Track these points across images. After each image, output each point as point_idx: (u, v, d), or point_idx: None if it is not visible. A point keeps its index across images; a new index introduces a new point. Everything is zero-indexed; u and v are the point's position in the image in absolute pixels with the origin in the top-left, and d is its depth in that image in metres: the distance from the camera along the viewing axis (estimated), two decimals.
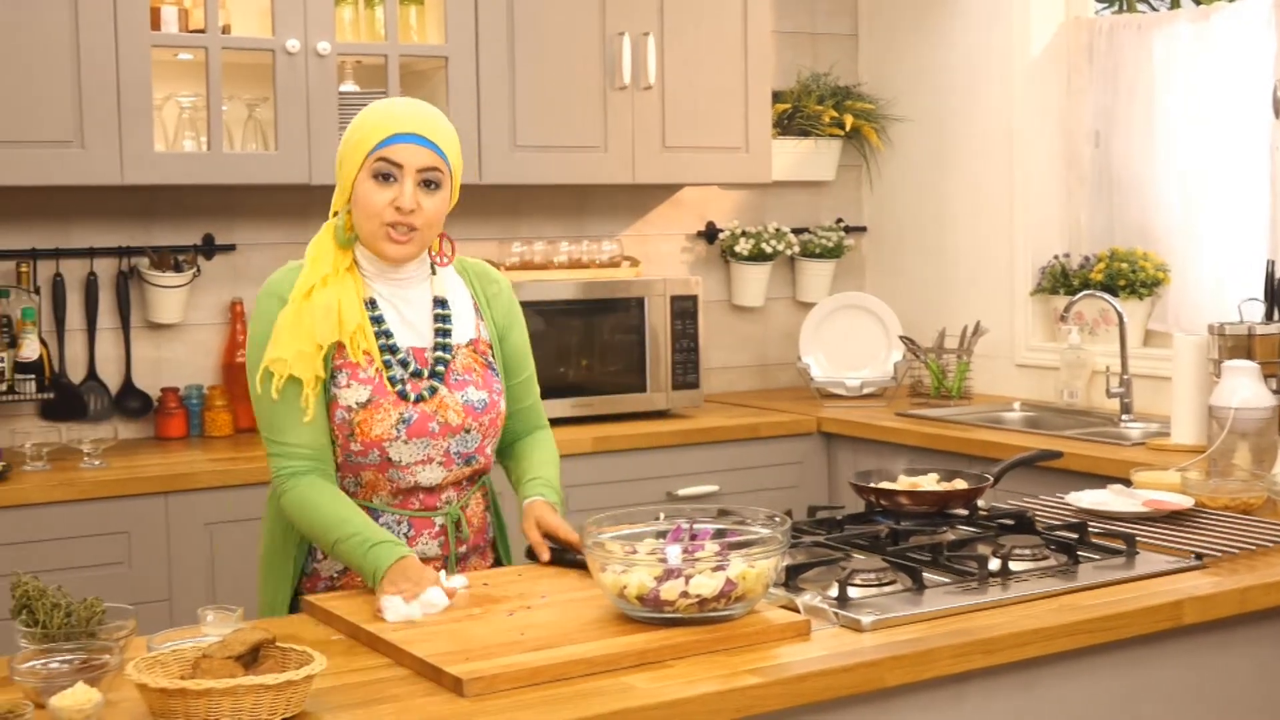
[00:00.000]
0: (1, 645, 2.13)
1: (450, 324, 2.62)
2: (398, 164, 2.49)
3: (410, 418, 2.54)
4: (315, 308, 2.49)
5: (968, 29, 5.02)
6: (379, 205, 2.49)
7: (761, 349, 5.32)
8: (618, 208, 5.00)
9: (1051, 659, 2.27)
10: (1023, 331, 4.88)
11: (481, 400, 2.61)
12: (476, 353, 2.65)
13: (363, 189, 2.50)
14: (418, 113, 2.54)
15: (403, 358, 2.56)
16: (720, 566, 2.14)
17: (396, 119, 2.51)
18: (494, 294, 2.73)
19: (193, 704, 1.78)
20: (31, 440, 3.79)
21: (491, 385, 2.64)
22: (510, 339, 2.74)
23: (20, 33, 3.74)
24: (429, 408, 2.55)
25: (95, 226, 4.23)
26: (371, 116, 2.53)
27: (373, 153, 2.49)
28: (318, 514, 2.48)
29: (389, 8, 4.18)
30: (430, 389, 2.56)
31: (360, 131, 2.52)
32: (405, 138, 2.49)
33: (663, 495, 4.33)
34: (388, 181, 2.49)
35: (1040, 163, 4.85)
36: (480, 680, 1.95)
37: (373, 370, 2.53)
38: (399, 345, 2.57)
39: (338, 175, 2.57)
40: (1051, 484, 3.60)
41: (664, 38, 4.58)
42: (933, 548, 2.56)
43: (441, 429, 2.57)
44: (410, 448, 2.55)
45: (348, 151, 2.54)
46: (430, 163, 2.51)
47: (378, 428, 2.52)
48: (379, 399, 2.52)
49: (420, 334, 2.60)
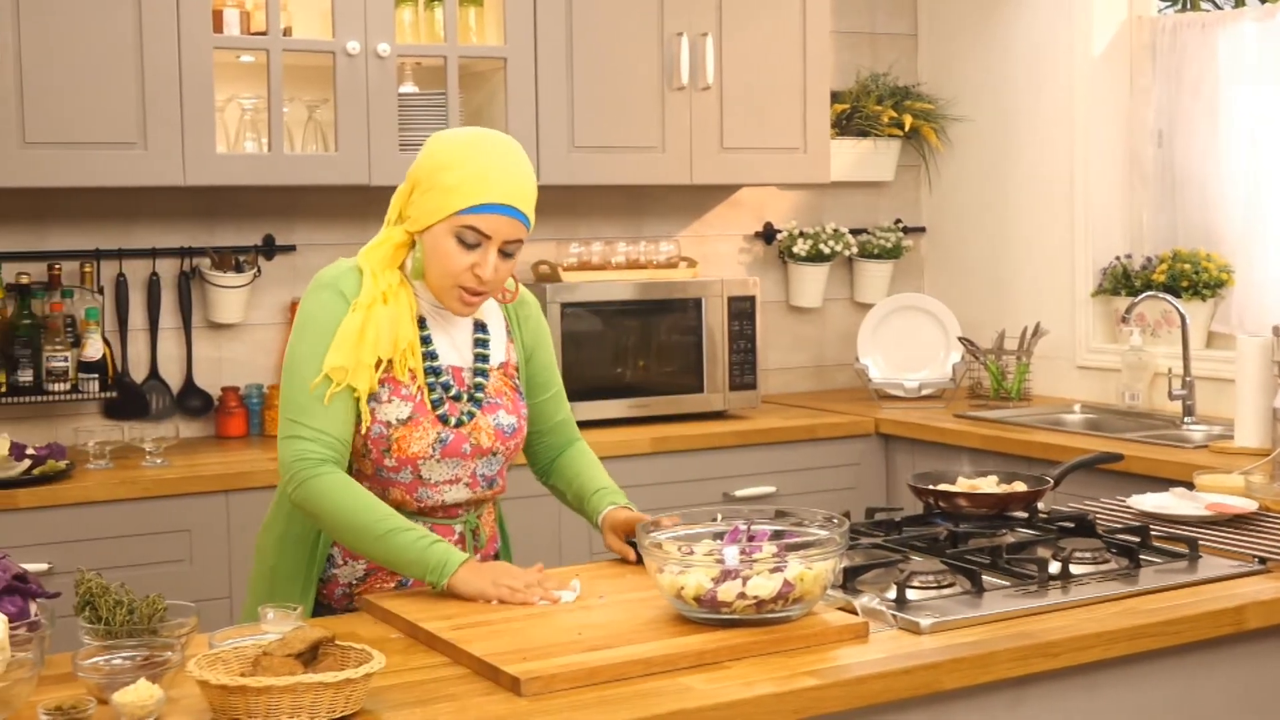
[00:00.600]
0: (66, 641, 2.15)
1: (488, 348, 2.62)
2: (486, 235, 2.44)
3: (446, 438, 2.53)
4: (379, 320, 2.47)
5: (1029, 28, 4.99)
6: (458, 268, 2.45)
7: (819, 350, 5.30)
8: (675, 208, 5.00)
9: (1112, 663, 2.25)
10: (1084, 333, 4.84)
11: (511, 425, 2.61)
12: (506, 375, 2.64)
13: (443, 244, 2.45)
14: (514, 181, 2.46)
15: (445, 380, 2.55)
16: (778, 568, 2.14)
17: (494, 186, 2.43)
18: (525, 315, 2.71)
19: (253, 701, 1.80)
20: (95, 439, 3.83)
21: (519, 410, 2.64)
22: (538, 356, 2.73)
23: (85, 36, 3.78)
24: (464, 429, 2.55)
25: (158, 227, 4.27)
26: (466, 170, 2.44)
27: (462, 213, 2.43)
28: (360, 503, 2.42)
29: (448, 9, 4.20)
30: (469, 413, 2.56)
31: (454, 176, 2.44)
32: (499, 209, 2.44)
33: (719, 496, 4.32)
34: (470, 248, 2.45)
35: (1102, 162, 4.81)
36: (538, 680, 1.95)
37: (415, 388, 2.51)
38: (442, 366, 2.56)
39: (415, 195, 2.49)
40: (1112, 487, 3.57)
41: (722, 38, 4.57)
42: (992, 550, 2.54)
43: (473, 450, 2.56)
44: (442, 467, 2.55)
45: (429, 190, 2.46)
46: (517, 235, 2.47)
47: (415, 445, 2.51)
48: (419, 417, 2.51)
49: (462, 355, 2.59)
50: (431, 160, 2.48)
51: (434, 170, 2.46)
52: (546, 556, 3.81)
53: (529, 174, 2.51)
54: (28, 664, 1.91)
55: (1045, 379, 4.93)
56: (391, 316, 2.48)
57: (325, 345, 2.47)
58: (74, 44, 3.78)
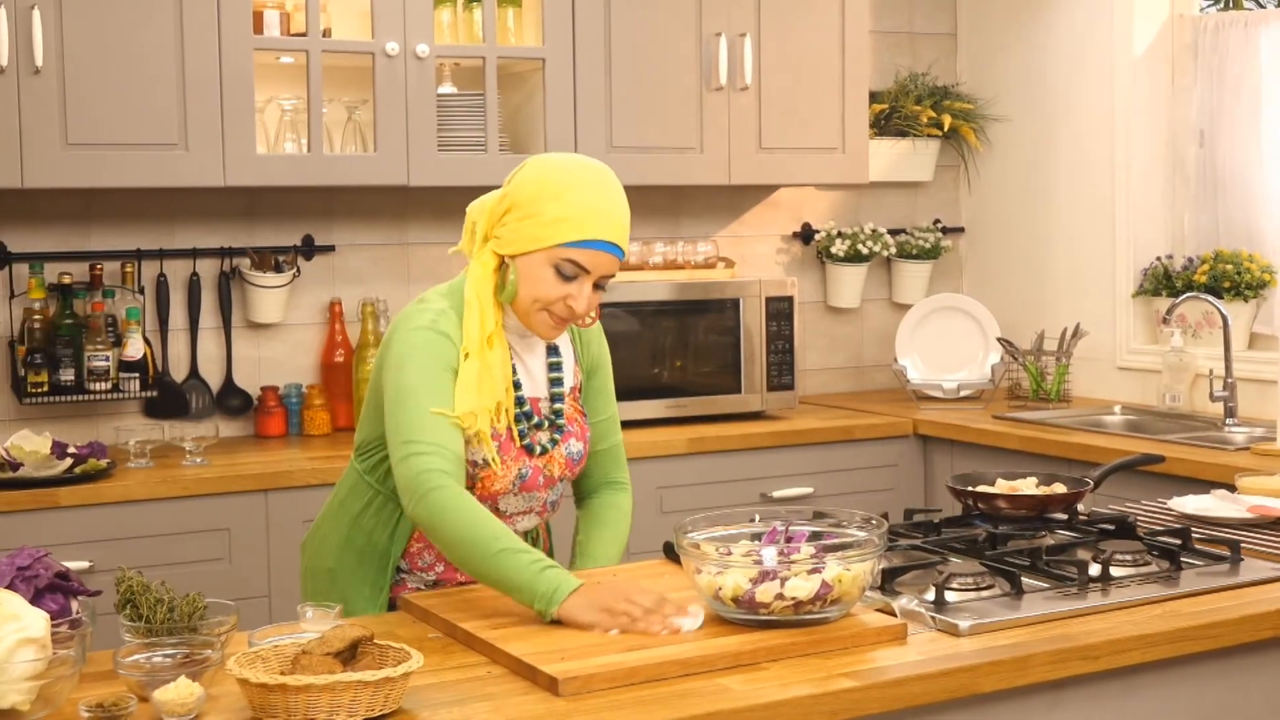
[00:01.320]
0: (107, 639, 2.16)
1: (561, 372, 2.62)
2: (586, 269, 2.44)
3: (526, 474, 2.54)
4: (494, 365, 2.46)
5: (1069, 27, 4.96)
6: (552, 297, 2.45)
7: (857, 351, 5.29)
8: (713, 209, 5.00)
9: (1152, 666, 2.23)
10: (1124, 334, 4.81)
11: (579, 452, 2.62)
12: (575, 400, 2.65)
13: (540, 272, 2.44)
14: (617, 218, 2.45)
15: (527, 410, 2.55)
16: (816, 569, 2.13)
17: (600, 223, 2.42)
18: (589, 338, 2.70)
19: (292, 699, 1.80)
20: (135, 438, 3.85)
21: (585, 435, 2.65)
22: (595, 378, 2.71)
23: (126, 39, 3.81)
24: (541, 462, 2.56)
25: (198, 227, 4.30)
26: (573, 203, 2.42)
27: (566, 246, 2.42)
28: (478, 517, 2.33)
29: (487, 10, 4.21)
30: (552, 441, 2.57)
31: (559, 208, 2.42)
32: (601, 245, 2.43)
33: (756, 497, 4.32)
34: (568, 279, 2.44)
35: (1143, 163, 4.78)
36: (576, 680, 1.95)
37: (501, 426, 2.50)
38: (525, 398, 2.56)
39: (510, 218, 2.46)
40: (1153, 489, 3.55)
41: (761, 38, 4.57)
42: (1031, 552, 2.53)
43: (545, 481, 2.58)
44: (518, 500, 2.58)
45: (536, 219, 2.43)
46: (612, 270, 2.48)
47: (498, 484, 2.51)
48: (503, 456, 2.50)
49: (538, 384, 2.60)
50: (535, 187, 2.44)
51: (537, 198, 2.43)
52: None
53: (627, 208, 2.50)
54: (69, 661, 1.92)
55: (1085, 380, 4.90)
56: (502, 360, 2.48)
57: (435, 376, 2.43)
58: (116, 46, 3.80)
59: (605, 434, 2.73)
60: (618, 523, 2.73)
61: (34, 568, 2.16)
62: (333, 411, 4.35)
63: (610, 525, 2.72)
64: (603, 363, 2.72)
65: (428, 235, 4.56)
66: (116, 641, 2.11)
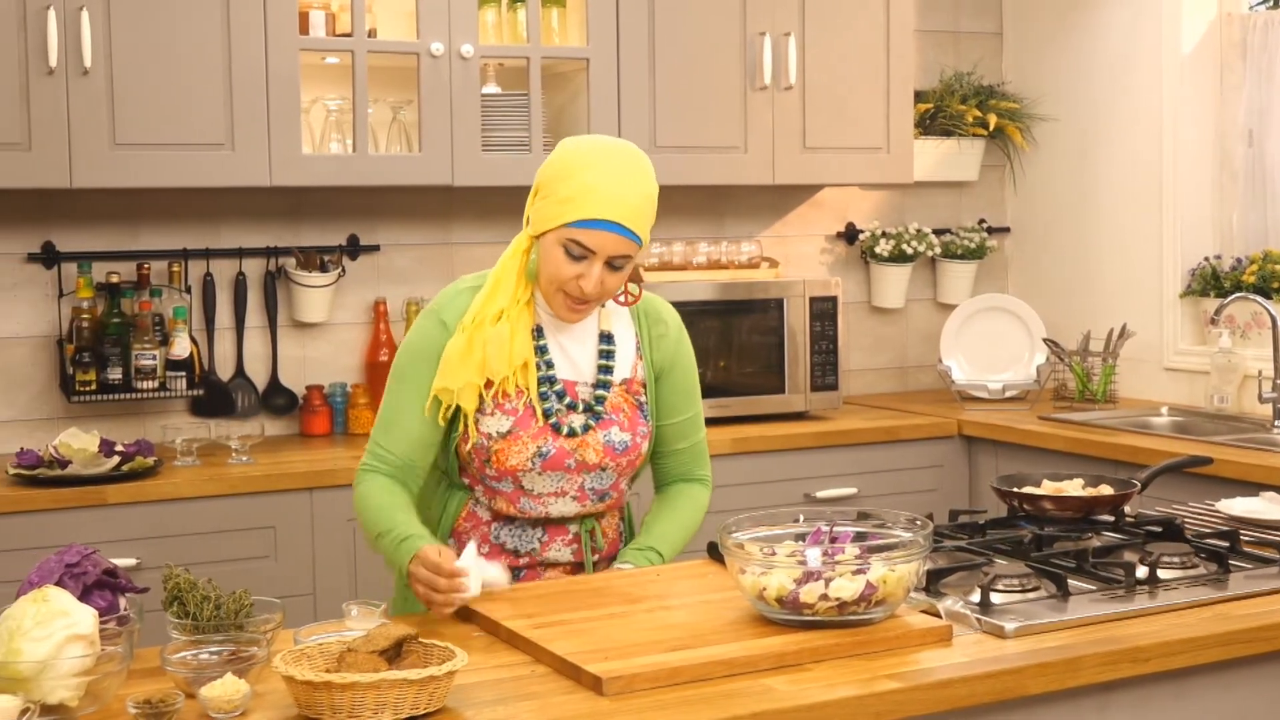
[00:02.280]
0: (154, 636, 2.18)
1: (613, 360, 2.62)
2: (591, 250, 2.46)
3: (547, 452, 2.54)
4: (489, 341, 2.50)
5: (1116, 26, 4.93)
6: (563, 277, 2.48)
7: (901, 351, 5.27)
8: (757, 208, 4.99)
9: (1201, 669, 2.21)
10: (1171, 334, 4.78)
11: (624, 442, 2.60)
12: (629, 392, 2.63)
13: (552, 252, 2.48)
14: (625, 198, 2.46)
15: (560, 389, 2.57)
16: (861, 570, 2.12)
17: (603, 202, 2.44)
18: (659, 334, 2.68)
19: (338, 697, 1.81)
20: (182, 436, 3.88)
21: (637, 427, 2.62)
22: (671, 378, 2.70)
23: (174, 39, 3.83)
24: (569, 444, 2.55)
25: (244, 227, 4.32)
26: (578, 181, 2.45)
27: (570, 226, 2.45)
28: (372, 504, 2.54)
29: (531, 10, 4.21)
30: (585, 425, 2.57)
31: (568, 188, 2.45)
32: (605, 225, 2.45)
33: (800, 497, 4.31)
34: (576, 260, 2.47)
35: (1191, 162, 4.75)
36: (619, 679, 1.95)
37: (520, 402, 2.54)
38: (556, 377, 2.57)
39: (537, 199, 2.51)
40: (1201, 491, 3.52)
41: (805, 37, 4.55)
42: (1078, 554, 2.51)
43: (578, 466, 2.57)
44: (545, 479, 2.57)
45: (551, 199, 2.47)
46: (623, 250, 2.47)
47: (514, 459, 2.54)
48: (519, 431, 2.53)
49: (579, 369, 2.60)
50: (553, 167, 2.50)
51: (553, 178, 2.49)
52: None
53: (644, 190, 2.50)
54: (117, 658, 1.94)
55: (1132, 381, 4.87)
56: (501, 337, 2.50)
57: (417, 370, 2.56)
58: (163, 47, 3.83)
59: (686, 433, 2.74)
60: (686, 509, 2.74)
61: (82, 565, 2.18)
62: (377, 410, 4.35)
63: (678, 509, 2.73)
64: (679, 363, 2.70)
65: (472, 235, 4.57)
66: (163, 638, 2.12)
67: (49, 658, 1.87)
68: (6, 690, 1.85)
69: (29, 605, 1.93)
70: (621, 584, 2.47)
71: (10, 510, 3.52)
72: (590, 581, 2.52)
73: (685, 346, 2.73)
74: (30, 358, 4.10)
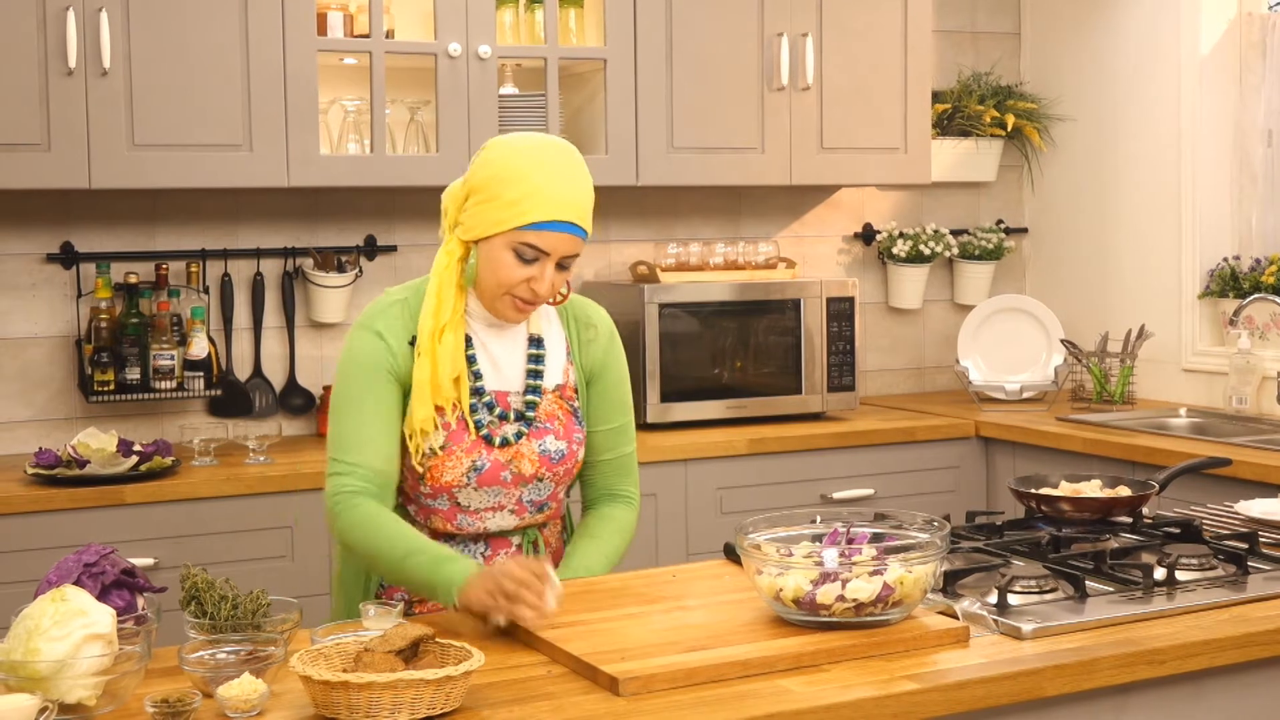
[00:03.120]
0: (171, 635, 2.18)
1: (543, 364, 2.55)
2: (545, 252, 2.42)
3: (482, 466, 2.49)
4: (440, 361, 2.44)
5: (1134, 26, 4.92)
6: (514, 280, 2.43)
7: (918, 352, 5.26)
8: (774, 209, 4.99)
9: (1219, 671, 2.21)
10: (1190, 335, 4.76)
11: (559, 451, 2.54)
12: (562, 398, 2.57)
13: (500, 256, 2.42)
14: (575, 198, 2.43)
15: (488, 400, 2.51)
16: (878, 571, 2.12)
17: (553, 202, 2.40)
18: (589, 339, 2.62)
19: (355, 697, 1.81)
20: (199, 436, 3.89)
21: (572, 435, 2.56)
22: (603, 383, 2.64)
23: (192, 41, 3.84)
24: (504, 456, 2.50)
25: (262, 227, 4.33)
26: (526, 183, 2.40)
27: (523, 229, 2.40)
28: (382, 531, 2.40)
29: (549, 11, 4.22)
30: (517, 433, 2.51)
31: (515, 191, 2.40)
32: (558, 226, 2.41)
33: (817, 498, 4.30)
34: (528, 262, 2.42)
35: (1210, 163, 4.73)
36: (636, 680, 1.95)
37: (452, 416, 2.47)
38: (486, 388, 2.51)
39: (471, 203, 2.45)
40: (1219, 492, 3.51)
41: (822, 38, 4.55)
42: (1095, 555, 2.51)
43: (514, 479, 2.52)
44: (480, 495, 2.52)
45: (487, 201, 2.42)
46: (574, 250, 2.45)
47: (448, 474, 2.48)
48: (452, 445, 2.47)
49: (507, 378, 2.54)
50: (490, 170, 2.44)
51: (492, 180, 2.43)
52: (643, 557, 3.82)
53: (588, 187, 2.47)
54: (134, 657, 1.94)
55: (1150, 382, 4.85)
56: (448, 354, 2.45)
57: (365, 384, 2.47)
58: (181, 48, 3.84)
59: (613, 444, 2.66)
60: (609, 536, 2.64)
61: (100, 564, 2.18)
62: None
63: (599, 538, 2.63)
64: (610, 368, 2.64)
65: None
66: (181, 638, 2.13)
67: (67, 657, 1.88)
68: (25, 689, 1.85)
69: (47, 604, 1.94)
70: (638, 585, 2.47)
71: (29, 510, 3.53)
72: (607, 582, 2.52)
73: (616, 351, 2.66)
74: (49, 357, 4.12)
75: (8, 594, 3.25)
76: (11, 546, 3.50)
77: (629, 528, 2.68)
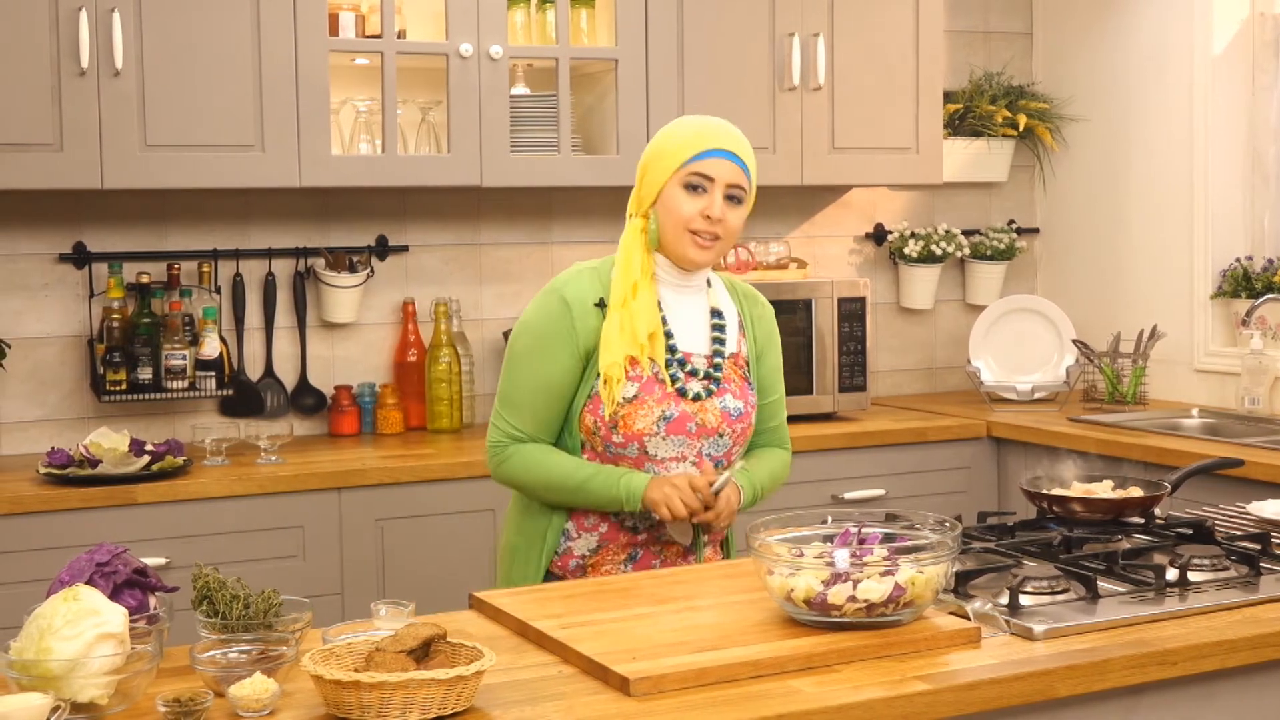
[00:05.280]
0: (183, 634, 2.19)
1: (725, 333, 2.79)
2: (710, 178, 2.66)
3: (671, 415, 2.69)
4: (636, 314, 2.67)
5: (1147, 26, 4.91)
6: (689, 213, 2.66)
7: (930, 352, 5.26)
8: (785, 209, 4.98)
9: (1231, 673, 2.20)
10: (1202, 336, 4.75)
11: (738, 409, 2.75)
12: (737, 365, 2.79)
13: (674, 197, 2.67)
14: (729, 131, 2.70)
15: (680, 358, 2.72)
16: (889, 571, 2.12)
17: (710, 135, 2.67)
18: (758, 315, 2.87)
19: (366, 696, 1.81)
20: (211, 436, 3.89)
21: (747, 396, 2.78)
22: (767, 360, 2.87)
23: (204, 41, 3.85)
24: (691, 408, 2.70)
25: (273, 228, 4.34)
26: (685, 130, 2.70)
27: (686, 164, 2.66)
28: (553, 459, 2.68)
29: (560, 11, 4.22)
30: (708, 389, 2.72)
31: (674, 142, 2.68)
32: (718, 153, 2.67)
33: (828, 498, 4.30)
34: (698, 193, 2.67)
35: (1222, 163, 4.72)
36: (647, 680, 1.95)
37: (645, 370, 2.68)
38: (678, 347, 2.73)
39: (641, 180, 2.72)
40: (1232, 493, 3.51)
41: (834, 38, 4.55)
42: (1107, 556, 2.50)
43: (698, 429, 2.71)
44: (668, 444, 2.69)
45: (656, 160, 2.69)
46: (738, 179, 2.69)
47: (640, 422, 2.67)
48: (644, 395, 2.67)
49: (697, 341, 2.76)
50: (650, 146, 2.74)
51: (654, 148, 2.72)
52: None
53: (740, 132, 2.73)
54: (146, 656, 1.94)
55: (1162, 383, 4.85)
56: (633, 312, 2.67)
57: (544, 348, 2.69)
58: (193, 49, 3.84)
59: (775, 413, 2.91)
60: (774, 458, 2.90)
61: (112, 564, 2.19)
62: (405, 411, 4.38)
63: (766, 457, 2.88)
64: (773, 345, 2.89)
65: (500, 235, 4.58)
66: (193, 637, 2.13)
67: (79, 656, 1.88)
68: (37, 688, 1.86)
69: (59, 604, 1.94)
70: (649, 585, 2.48)
71: (41, 509, 3.54)
72: (618, 582, 2.53)
73: (776, 330, 2.91)
74: (61, 357, 4.13)
75: (20, 593, 3.26)
76: (24, 546, 3.51)
77: (786, 463, 2.95)
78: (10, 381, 4.08)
